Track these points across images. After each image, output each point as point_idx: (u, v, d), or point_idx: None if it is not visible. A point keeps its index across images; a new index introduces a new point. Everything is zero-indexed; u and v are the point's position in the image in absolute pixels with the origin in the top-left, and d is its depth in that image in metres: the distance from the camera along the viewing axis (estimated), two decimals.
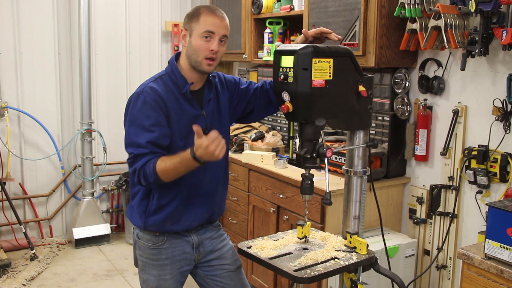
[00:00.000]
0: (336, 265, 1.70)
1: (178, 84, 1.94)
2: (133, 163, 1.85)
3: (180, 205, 1.99)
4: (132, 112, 1.89)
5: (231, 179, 3.57)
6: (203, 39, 1.88)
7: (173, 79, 1.95)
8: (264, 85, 2.11)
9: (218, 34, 1.89)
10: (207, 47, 1.88)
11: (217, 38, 1.89)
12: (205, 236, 2.11)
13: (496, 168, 2.52)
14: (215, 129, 2.00)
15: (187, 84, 1.94)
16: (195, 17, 1.90)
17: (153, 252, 2.03)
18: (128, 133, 1.90)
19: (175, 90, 1.93)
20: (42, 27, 4.22)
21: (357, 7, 2.79)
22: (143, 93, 1.89)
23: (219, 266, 2.12)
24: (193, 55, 1.90)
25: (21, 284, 3.55)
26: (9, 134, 4.05)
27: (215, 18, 1.89)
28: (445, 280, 2.85)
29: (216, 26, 1.89)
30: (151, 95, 1.88)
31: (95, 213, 4.41)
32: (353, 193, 1.92)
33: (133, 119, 1.88)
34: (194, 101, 1.97)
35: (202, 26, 1.88)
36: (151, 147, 1.84)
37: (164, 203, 1.98)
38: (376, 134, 3.04)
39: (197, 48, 1.89)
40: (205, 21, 1.88)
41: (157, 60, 4.77)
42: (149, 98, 1.87)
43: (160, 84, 1.93)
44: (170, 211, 1.98)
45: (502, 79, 2.50)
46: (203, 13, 1.90)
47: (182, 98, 1.94)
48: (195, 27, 1.89)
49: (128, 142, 1.89)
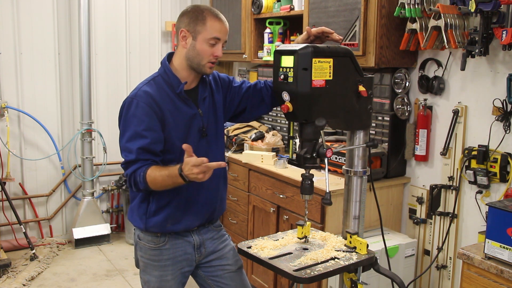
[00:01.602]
0: (336, 265, 1.70)
1: (172, 84, 1.94)
2: (125, 169, 1.90)
3: (180, 205, 1.99)
4: (125, 117, 1.90)
5: (231, 179, 3.57)
6: (209, 45, 1.89)
7: (166, 80, 1.95)
8: (258, 84, 2.12)
9: (222, 40, 1.92)
10: (211, 52, 1.90)
11: (221, 44, 1.91)
12: (207, 236, 2.10)
13: (496, 168, 2.52)
14: (211, 130, 2.03)
15: (180, 84, 1.94)
16: (200, 21, 1.89)
17: (154, 253, 2.03)
18: (121, 138, 1.92)
19: (169, 91, 1.93)
20: (42, 27, 4.22)
21: (357, 7, 2.79)
22: (136, 97, 1.89)
23: (220, 266, 2.12)
24: (196, 58, 1.91)
25: (21, 284, 3.55)
26: (9, 134, 4.05)
27: (221, 24, 1.91)
28: (445, 280, 2.85)
29: (222, 32, 1.91)
30: (144, 99, 1.88)
31: (95, 213, 4.41)
32: (353, 193, 1.92)
33: (126, 124, 1.90)
34: (190, 101, 1.97)
35: (210, 32, 1.88)
36: (142, 154, 1.85)
37: (164, 204, 1.98)
38: (376, 134, 3.04)
39: (201, 52, 1.89)
40: (212, 27, 1.88)
41: (157, 60, 4.77)
42: (143, 103, 1.87)
43: (153, 86, 1.93)
44: (170, 212, 1.98)
45: (502, 79, 2.50)
46: (208, 17, 1.89)
47: (177, 98, 1.94)
48: (200, 31, 1.89)
49: (121, 146, 1.92)
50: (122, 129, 1.92)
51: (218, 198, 2.11)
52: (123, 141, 1.90)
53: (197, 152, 1.96)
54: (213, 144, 2.04)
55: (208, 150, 2.01)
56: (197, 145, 1.96)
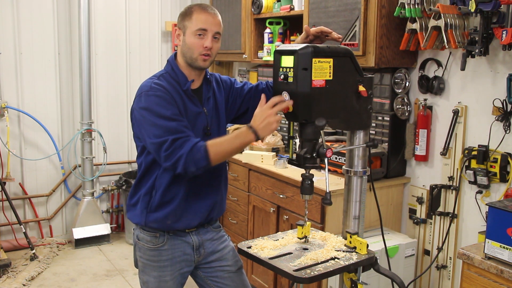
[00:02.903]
0: (336, 265, 1.70)
1: (179, 81, 1.95)
2: (178, 149, 1.76)
3: (182, 202, 1.98)
4: (148, 107, 1.83)
5: (231, 179, 3.57)
6: (197, 37, 1.90)
7: (173, 77, 1.96)
8: (260, 85, 2.12)
9: (211, 31, 1.91)
10: (201, 44, 1.90)
11: (210, 35, 1.91)
12: (206, 237, 2.10)
13: (496, 168, 2.52)
14: (214, 130, 2.02)
15: (187, 81, 1.95)
16: (187, 16, 1.93)
17: (153, 254, 2.02)
18: (153, 126, 1.81)
19: (177, 88, 1.94)
20: (42, 27, 4.22)
21: (357, 7, 2.79)
22: (151, 89, 1.86)
23: (220, 267, 2.11)
24: (188, 52, 1.93)
25: (21, 284, 3.55)
26: (9, 134, 4.05)
27: (207, 15, 1.92)
28: (445, 280, 2.85)
29: (208, 23, 1.91)
30: (161, 90, 1.87)
31: (95, 213, 4.41)
32: (353, 193, 1.92)
33: (151, 112, 1.82)
34: (196, 99, 1.98)
35: (195, 24, 1.90)
36: (188, 131, 1.81)
37: (167, 200, 1.97)
38: (376, 134, 3.04)
39: (191, 45, 1.91)
40: (197, 19, 1.91)
41: (157, 60, 4.78)
42: (160, 93, 1.86)
43: (163, 81, 1.93)
44: (172, 208, 1.98)
45: (502, 79, 2.50)
46: (195, 11, 1.92)
47: (184, 95, 1.95)
48: (188, 25, 1.92)
49: (157, 133, 1.79)
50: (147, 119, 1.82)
51: (219, 197, 2.10)
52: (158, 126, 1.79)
53: None
54: None
55: None
56: None
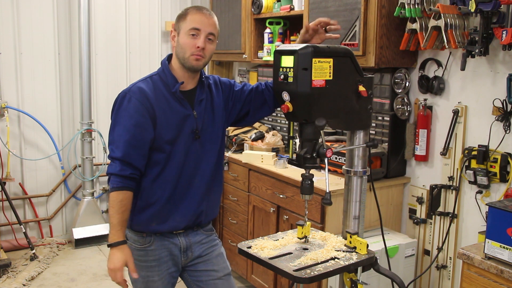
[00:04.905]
0: (336, 265, 1.70)
1: (168, 83, 1.95)
2: (110, 165, 1.92)
3: (167, 204, 1.97)
4: (117, 111, 1.94)
5: (231, 179, 3.57)
6: (190, 37, 1.90)
7: (163, 78, 1.96)
8: (260, 87, 2.11)
9: (204, 31, 1.91)
10: (193, 44, 1.90)
11: (203, 35, 1.91)
12: (195, 240, 2.06)
13: (496, 168, 2.52)
14: (206, 133, 2.02)
15: (176, 83, 1.95)
16: (182, 17, 1.94)
17: (140, 254, 2.01)
18: (111, 131, 1.95)
19: (164, 90, 1.94)
20: (42, 27, 4.22)
21: (357, 7, 2.79)
22: (129, 92, 1.92)
23: (206, 272, 2.07)
24: (181, 52, 1.93)
25: (21, 284, 3.55)
26: (9, 134, 4.05)
27: (201, 15, 1.92)
28: (445, 280, 2.85)
29: (201, 23, 1.91)
30: (137, 95, 1.90)
31: (95, 213, 4.41)
32: (353, 193, 1.92)
33: (117, 118, 1.93)
34: (185, 101, 1.96)
35: (189, 23, 1.91)
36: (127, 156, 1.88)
37: (152, 202, 1.96)
38: (376, 134, 3.04)
39: (183, 45, 1.91)
40: (191, 19, 1.91)
41: (157, 60, 4.77)
42: (135, 98, 1.90)
43: (149, 83, 1.94)
44: (156, 210, 1.96)
45: (502, 79, 2.50)
46: (190, 12, 1.94)
47: (172, 97, 1.94)
48: (182, 26, 1.93)
49: (110, 140, 1.95)
50: (112, 123, 1.96)
51: (206, 200, 2.05)
52: (113, 134, 1.93)
53: (188, 153, 1.96)
54: (207, 147, 2.02)
55: (201, 153, 2.00)
56: (189, 147, 1.96)
